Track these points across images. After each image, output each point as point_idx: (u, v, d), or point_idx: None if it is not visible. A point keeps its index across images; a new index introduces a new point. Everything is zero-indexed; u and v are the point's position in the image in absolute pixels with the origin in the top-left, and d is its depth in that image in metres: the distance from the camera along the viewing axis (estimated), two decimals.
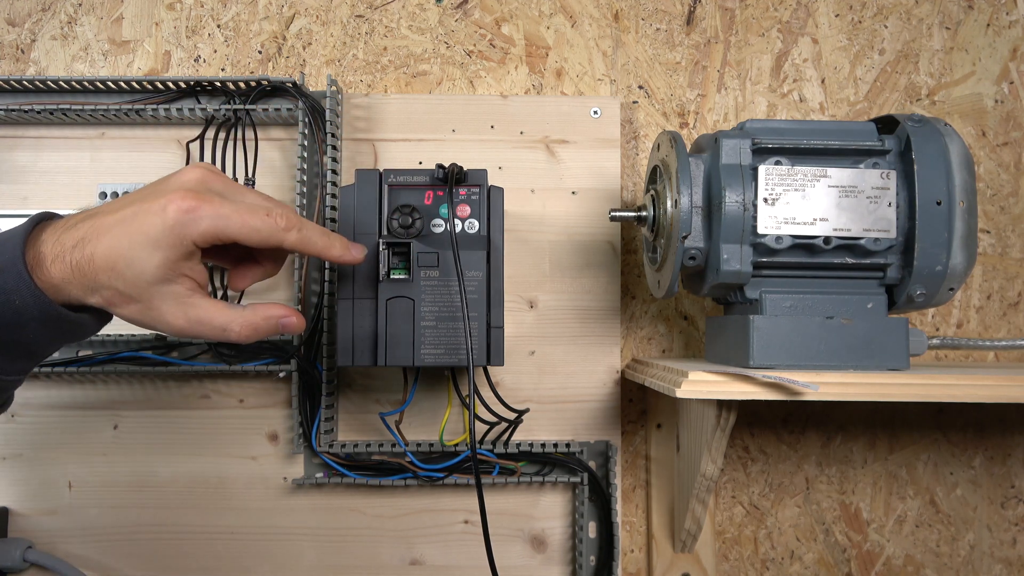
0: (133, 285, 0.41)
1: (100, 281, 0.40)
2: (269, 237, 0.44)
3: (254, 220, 0.43)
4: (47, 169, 0.69)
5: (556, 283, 0.69)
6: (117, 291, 0.41)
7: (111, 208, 0.42)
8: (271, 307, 0.47)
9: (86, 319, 0.43)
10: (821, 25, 0.73)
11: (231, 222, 0.42)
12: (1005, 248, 0.72)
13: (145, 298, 0.41)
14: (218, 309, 0.44)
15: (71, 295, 0.41)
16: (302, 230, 0.45)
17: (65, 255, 0.40)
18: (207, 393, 0.68)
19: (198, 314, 0.43)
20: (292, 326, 0.47)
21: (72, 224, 0.41)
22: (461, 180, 0.58)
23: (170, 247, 0.41)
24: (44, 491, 0.67)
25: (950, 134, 0.53)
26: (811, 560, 0.71)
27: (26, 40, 0.72)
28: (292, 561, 0.67)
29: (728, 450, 0.71)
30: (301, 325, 0.48)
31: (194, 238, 0.41)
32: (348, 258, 0.49)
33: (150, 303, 0.42)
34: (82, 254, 0.40)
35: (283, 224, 0.44)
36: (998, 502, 0.72)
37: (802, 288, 0.54)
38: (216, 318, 0.43)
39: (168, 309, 0.42)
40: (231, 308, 0.45)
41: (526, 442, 0.66)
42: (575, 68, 0.72)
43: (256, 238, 0.43)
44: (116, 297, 0.41)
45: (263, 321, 0.45)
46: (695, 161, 0.54)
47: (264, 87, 0.67)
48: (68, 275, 0.40)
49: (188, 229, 0.41)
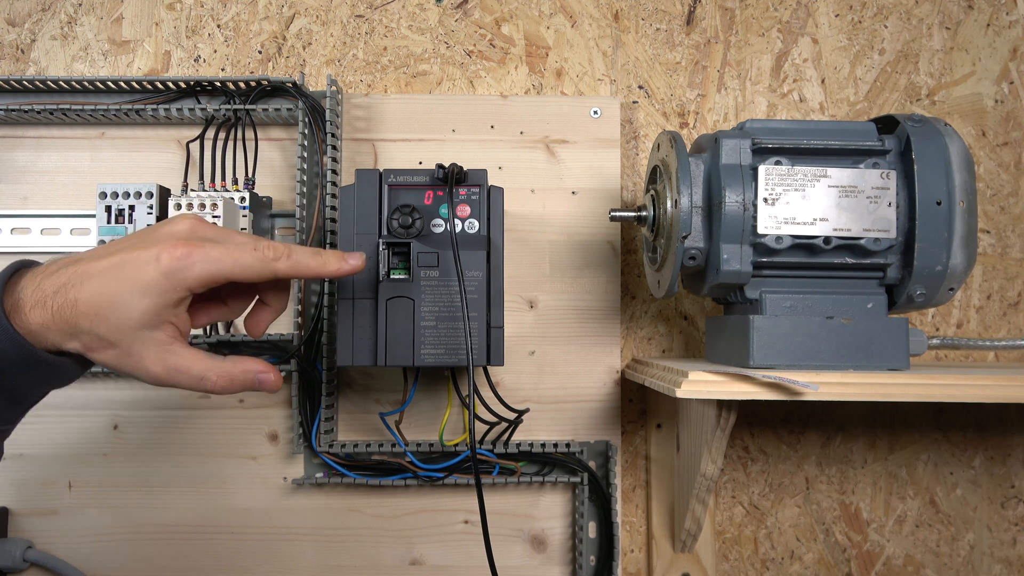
0: (116, 330, 0.41)
1: (80, 326, 0.41)
2: (261, 270, 0.45)
3: (244, 257, 0.44)
4: (47, 169, 0.69)
5: (556, 283, 0.69)
6: (97, 336, 0.41)
7: (96, 255, 0.42)
8: (250, 361, 0.47)
9: (66, 363, 0.43)
10: (821, 25, 0.73)
11: (223, 263, 0.43)
12: (1005, 248, 0.72)
13: (126, 344, 0.42)
14: (197, 359, 0.44)
15: (49, 340, 0.41)
16: (291, 256, 0.46)
17: (46, 300, 0.40)
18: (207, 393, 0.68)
19: (176, 362, 0.43)
20: (268, 383, 0.47)
21: (53, 271, 0.42)
22: (461, 180, 0.58)
23: (161, 293, 0.41)
24: (44, 491, 0.67)
25: (950, 134, 0.53)
26: (811, 560, 0.71)
27: (26, 40, 0.72)
28: (292, 561, 0.67)
29: (728, 450, 0.71)
30: (278, 383, 0.48)
31: (189, 283, 0.42)
32: (346, 269, 0.49)
33: (130, 349, 0.42)
34: (64, 299, 0.40)
35: (271, 255, 0.45)
36: (998, 502, 0.72)
37: (802, 288, 0.54)
38: (194, 367, 0.44)
39: (147, 355, 0.42)
40: (210, 358, 0.45)
41: (526, 442, 0.66)
42: (575, 68, 0.72)
43: (249, 273, 0.44)
44: (95, 342, 0.41)
45: (241, 374, 0.46)
46: (695, 161, 0.54)
47: (264, 87, 0.67)
48: (48, 320, 0.40)
49: (183, 275, 0.42)
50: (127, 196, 0.62)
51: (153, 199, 0.62)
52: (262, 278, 0.45)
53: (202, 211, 0.61)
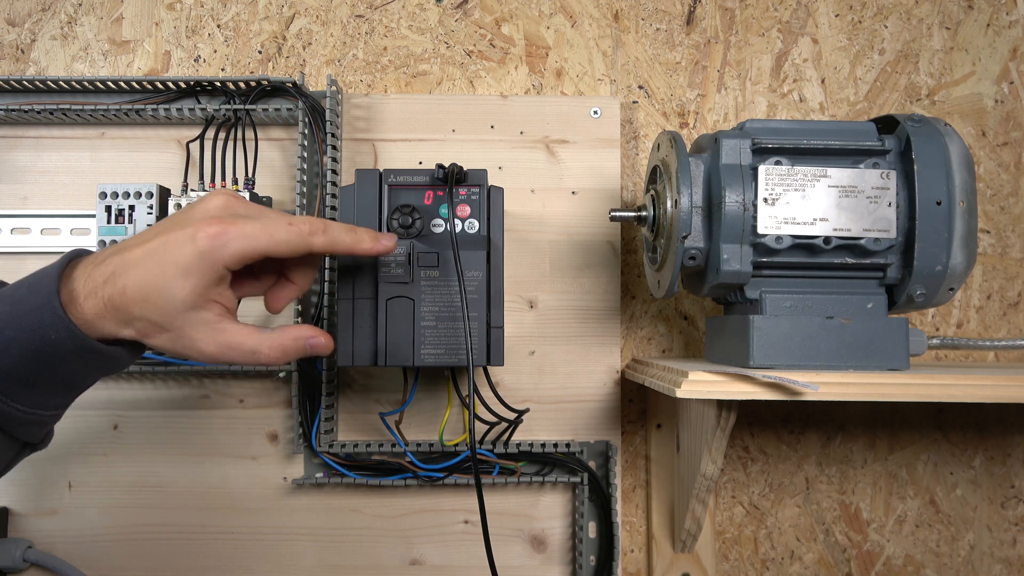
0: (165, 314, 0.41)
1: (133, 313, 0.41)
2: (297, 245, 0.44)
3: (279, 232, 0.44)
4: (47, 169, 0.69)
5: (556, 283, 0.69)
6: (150, 322, 0.42)
7: (137, 241, 0.43)
8: (300, 328, 0.47)
9: (120, 352, 0.43)
10: (821, 25, 0.73)
11: (259, 239, 0.43)
12: (1005, 248, 0.72)
13: (176, 326, 0.42)
14: (247, 333, 0.44)
15: (105, 329, 0.41)
16: (327, 231, 0.46)
17: (97, 291, 0.41)
18: (207, 393, 0.68)
19: (228, 339, 0.43)
20: (320, 346, 0.47)
21: (101, 260, 0.42)
22: (461, 180, 0.58)
23: (201, 273, 0.42)
24: (44, 491, 0.67)
25: (950, 134, 0.53)
26: (811, 560, 0.71)
27: (26, 40, 0.72)
28: (292, 561, 0.67)
29: (728, 450, 0.71)
30: (329, 345, 0.48)
31: (225, 261, 0.42)
32: (379, 248, 0.49)
33: (181, 331, 0.42)
34: (114, 288, 0.41)
35: (307, 229, 0.45)
36: (998, 502, 0.72)
37: (802, 288, 0.54)
38: (246, 342, 0.44)
39: (199, 336, 0.43)
40: (260, 331, 0.45)
41: (526, 442, 0.66)
42: (575, 68, 0.72)
43: (285, 249, 0.44)
44: (149, 328, 0.42)
45: (292, 342, 0.46)
46: (695, 161, 0.54)
47: (264, 87, 0.67)
48: (101, 310, 0.41)
49: (219, 253, 0.42)
50: (127, 196, 0.62)
51: (153, 199, 0.62)
52: (297, 252, 0.45)
53: None
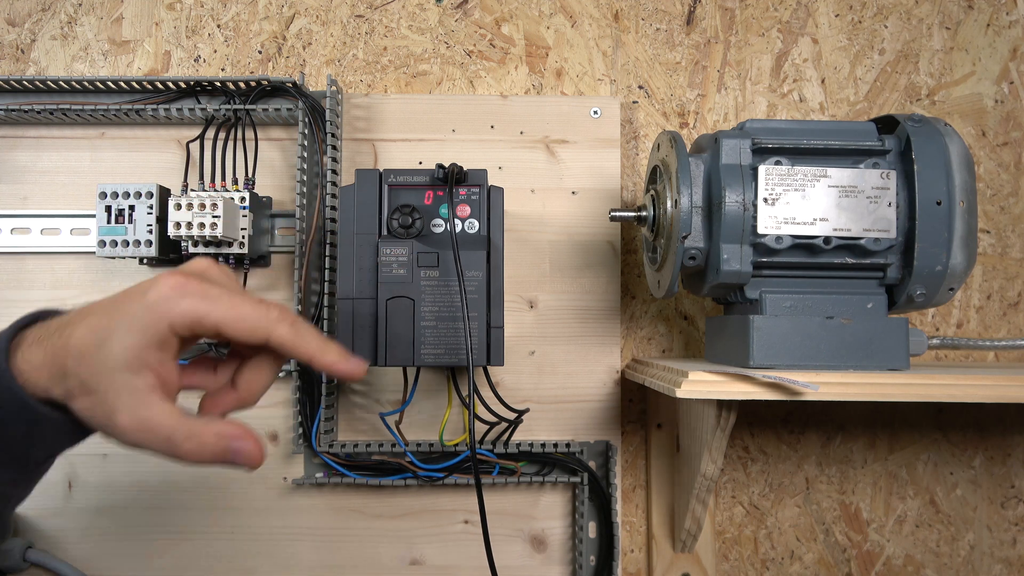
0: (96, 373, 0.36)
1: (67, 368, 0.37)
2: (256, 327, 0.38)
3: (243, 307, 0.38)
4: (47, 169, 0.69)
5: (556, 283, 0.69)
6: (79, 380, 0.37)
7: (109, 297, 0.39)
8: (227, 425, 0.39)
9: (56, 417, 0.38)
10: (821, 25, 0.73)
11: (216, 306, 0.38)
12: (1005, 248, 0.72)
13: (102, 388, 0.36)
14: (169, 415, 0.37)
15: (40, 384, 0.37)
16: (295, 325, 0.40)
17: (44, 339, 0.38)
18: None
19: (147, 415, 0.37)
20: (244, 453, 0.39)
21: (69, 310, 0.39)
22: (461, 180, 0.58)
23: (144, 329, 0.37)
24: (44, 491, 0.67)
25: (950, 134, 0.53)
26: (811, 560, 0.71)
27: (26, 40, 0.72)
28: (292, 561, 0.67)
29: (728, 450, 0.71)
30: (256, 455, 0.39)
31: (171, 318, 0.37)
32: (345, 368, 0.42)
33: (105, 396, 0.36)
34: (60, 337, 0.37)
35: (275, 316, 0.39)
36: (998, 502, 0.71)
37: (802, 288, 0.54)
38: (164, 424, 0.37)
39: (120, 404, 0.36)
40: (184, 417, 0.38)
41: (526, 442, 0.66)
42: (575, 68, 0.72)
43: (243, 327, 0.38)
44: (76, 388, 0.37)
45: (214, 439, 0.38)
46: (695, 161, 0.54)
47: (264, 87, 0.67)
48: (40, 360, 0.37)
49: (166, 306, 0.37)
50: (127, 196, 0.62)
51: (153, 199, 0.62)
52: (255, 337, 0.39)
53: (202, 211, 0.60)
